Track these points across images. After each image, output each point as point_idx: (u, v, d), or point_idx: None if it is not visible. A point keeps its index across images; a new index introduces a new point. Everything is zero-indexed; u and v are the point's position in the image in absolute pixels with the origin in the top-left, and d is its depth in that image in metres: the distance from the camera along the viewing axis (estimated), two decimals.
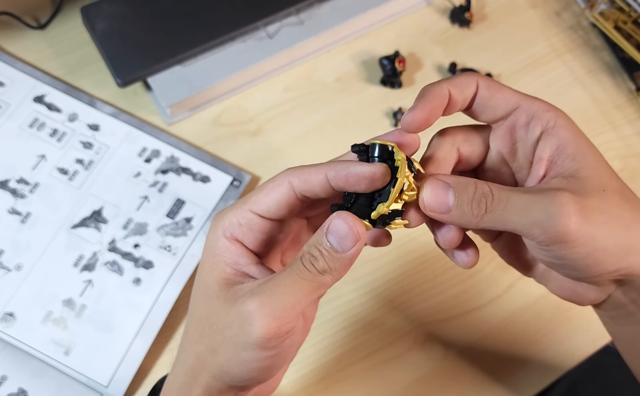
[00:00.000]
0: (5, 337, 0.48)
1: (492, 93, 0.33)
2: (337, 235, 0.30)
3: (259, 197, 0.32)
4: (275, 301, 0.30)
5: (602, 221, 0.30)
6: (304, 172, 0.31)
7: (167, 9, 0.61)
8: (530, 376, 0.52)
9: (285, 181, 0.32)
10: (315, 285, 0.30)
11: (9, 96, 0.58)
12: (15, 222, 0.52)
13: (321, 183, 0.31)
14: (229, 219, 0.32)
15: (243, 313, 0.30)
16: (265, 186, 0.32)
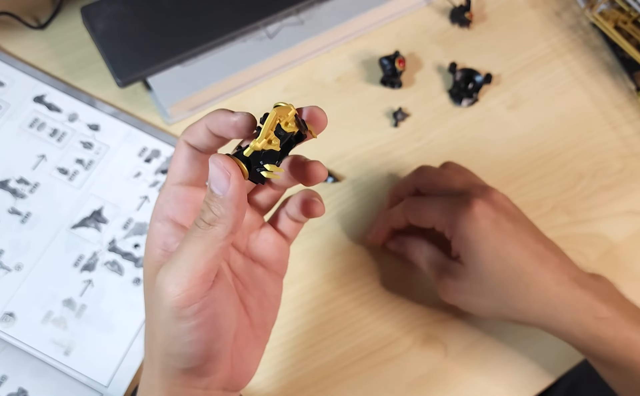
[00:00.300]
0: (5, 337, 0.48)
1: (417, 222, 0.50)
2: (213, 180, 0.30)
3: (171, 168, 0.34)
4: (175, 267, 0.30)
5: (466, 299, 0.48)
6: (191, 127, 0.33)
7: (167, 9, 0.61)
8: (530, 376, 0.52)
9: (181, 142, 0.34)
10: (208, 240, 0.30)
11: (9, 96, 0.58)
12: (15, 221, 0.52)
13: (205, 132, 0.33)
14: (159, 202, 0.34)
15: (157, 289, 0.30)
16: (172, 157, 0.34)
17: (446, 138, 0.62)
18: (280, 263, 0.38)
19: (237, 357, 0.35)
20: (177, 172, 0.34)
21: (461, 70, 0.64)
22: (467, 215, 0.45)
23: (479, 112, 0.63)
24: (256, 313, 0.36)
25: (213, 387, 0.33)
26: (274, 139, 0.31)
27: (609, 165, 0.62)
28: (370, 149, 0.60)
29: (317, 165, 0.34)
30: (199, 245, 0.30)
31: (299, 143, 0.32)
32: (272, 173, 0.31)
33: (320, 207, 0.36)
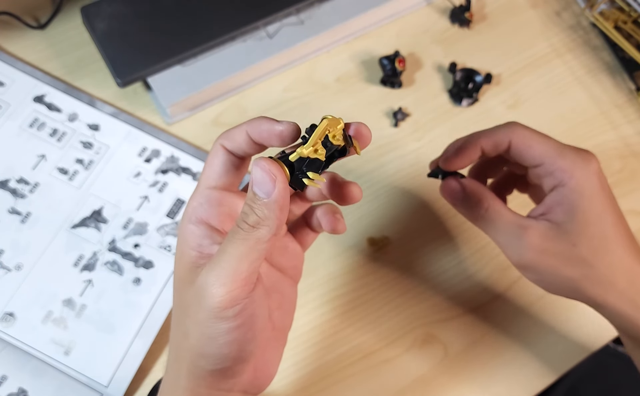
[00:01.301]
0: (5, 337, 0.48)
1: (522, 151, 0.41)
2: (257, 182, 0.30)
3: (206, 172, 0.34)
4: (218, 269, 0.30)
5: (550, 264, 0.40)
6: (230, 132, 0.34)
7: (167, 9, 0.61)
8: (530, 376, 0.52)
9: (218, 145, 0.34)
10: (252, 242, 0.30)
11: (9, 96, 0.58)
12: (15, 221, 0.52)
13: (245, 139, 0.33)
14: (192, 204, 0.34)
15: (197, 288, 0.31)
16: (207, 160, 0.34)
17: (446, 138, 0.62)
18: (296, 269, 0.39)
19: (260, 359, 0.35)
20: (212, 176, 0.34)
21: (461, 70, 0.64)
22: (587, 167, 0.40)
23: (479, 112, 0.63)
24: (277, 316, 0.37)
25: (236, 389, 0.34)
26: (320, 149, 0.31)
27: (609, 165, 0.62)
28: (370, 149, 0.60)
29: (355, 187, 0.35)
30: (242, 247, 0.30)
31: (341, 157, 0.33)
32: (313, 181, 0.31)
33: (342, 224, 0.37)
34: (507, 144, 0.41)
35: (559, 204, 0.40)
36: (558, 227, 0.40)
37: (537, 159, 0.40)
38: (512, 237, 0.41)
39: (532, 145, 0.40)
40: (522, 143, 0.41)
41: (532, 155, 0.41)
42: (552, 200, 0.40)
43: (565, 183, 0.40)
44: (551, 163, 0.40)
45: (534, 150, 0.40)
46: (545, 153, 0.40)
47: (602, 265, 0.39)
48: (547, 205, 0.41)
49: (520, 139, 0.41)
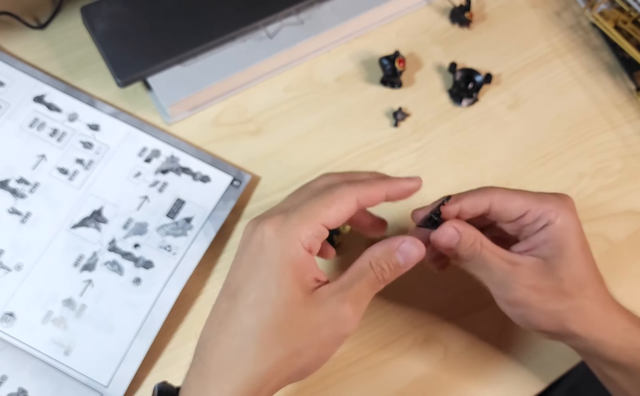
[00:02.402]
0: (5, 337, 0.48)
1: (505, 206, 0.43)
2: (405, 254, 0.39)
3: (329, 212, 0.38)
4: (360, 302, 0.37)
5: (538, 299, 0.41)
6: (368, 190, 0.39)
7: (167, 9, 0.61)
8: (530, 376, 0.52)
9: (353, 198, 0.38)
10: (377, 288, 0.39)
11: (9, 96, 0.58)
12: (15, 221, 0.52)
13: (381, 198, 0.40)
14: (305, 233, 0.37)
15: (338, 313, 0.36)
16: (332, 201, 0.38)
17: (446, 138, 0.62)
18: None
19: None
20: (333, 220, 0.38)
21: (461, 70, 0.64)
22: (569, 207, 0.42)
23: (479, 112, 0.63)
24: None
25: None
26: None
27: (609, 165, 0.62)
28: (371, 149, 0.60)
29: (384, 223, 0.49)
30: (373, 291, 0.39)
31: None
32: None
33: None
34: (487, 205, 0.43)
35: (545, 242, 0.42)
36: (545, 262, 0.42)
37: (521, 209, 0.42)
38: (503, 274, 0.42)
39: (513, 198, 0.42)
40: (504, 199, 0.43)
41: (515, 207, 0.42)
42: (538, 238, 0.42)
43: (552, 222, 0.42)
44: (536, 208, 0.42)
45: (516, 202, 0.42)
46: (528, 202, 0.42)
47: (585, 298, 0.42)
48: (532, 242, 0.43)
49: (500, 197, 0.43)
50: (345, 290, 0.37)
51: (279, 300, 0.36)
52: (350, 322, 0.36)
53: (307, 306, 0.36)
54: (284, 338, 0.35)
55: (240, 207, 0.56)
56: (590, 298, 0.42)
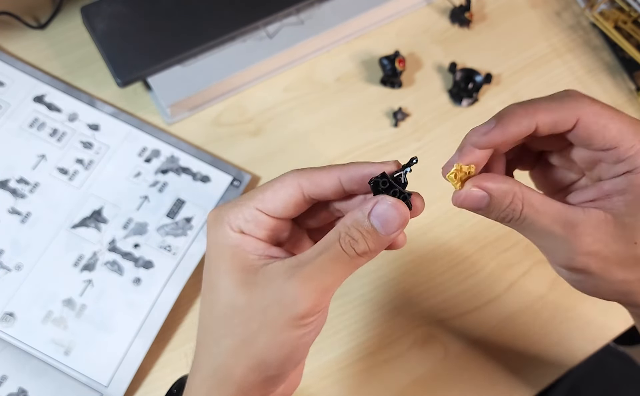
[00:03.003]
0: (6, 337, 0.48)
1: (593, 132, 0.32)
2: (382, 219, 0.30)
3: (265, 195, 0.32)
4: (317, 280, 0.30)
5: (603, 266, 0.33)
6: (315, 175, 0.32)
7: (167, 9, 0.61)
8: (530, 376, 0.52)
9: (295, 182, 0.32)
10: (351, 265, 0.31)
11: (9, 96, 0.58)
12: (15, 221, 0.52)
13: (334, 186, 0.32)
14: (234, 214, 0.32)
15: (285, 292, 0.30)
16: (272, 185, 0.32)
17: (446, 138, 0.62)
18: None
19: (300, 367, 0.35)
20: (270, 205, 0.32)
21: (461, 70, 0.64)
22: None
23: (479, 112, 0.63)
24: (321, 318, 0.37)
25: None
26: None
27: None
28: (370, 149, 0.60)
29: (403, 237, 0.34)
30: (339, 266, 0.31)
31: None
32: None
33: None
34: (573, 123, 0.32)
35: (621, 193, 0.32)
36: (615, 220, 0.32)
37: (611, 142, 0.32)
38: (556, 240, 0.33)
39: (607, 124, 0.32)
40: (595, 123, 0.32)
41: (605, 137, 0.32)
42: (613, 187, 0.32)
43: (637, 169, 0.32)
44: (629, 148, 0.32)
45: (608, 130, 0.31)
46: (622, 135, 0.32)
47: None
48: (604, 190, 0.33)
49: (592, 118, 0.32)
50: (299, 266, 0.30)
51: (215, 287, 0.32)
52: (300, 301, 0.30)
53: (251, 287, 0.31)
54: (230, 325, 0.32)
55: None
56: None
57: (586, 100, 0.32)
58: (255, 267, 0.32)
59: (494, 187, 0.32)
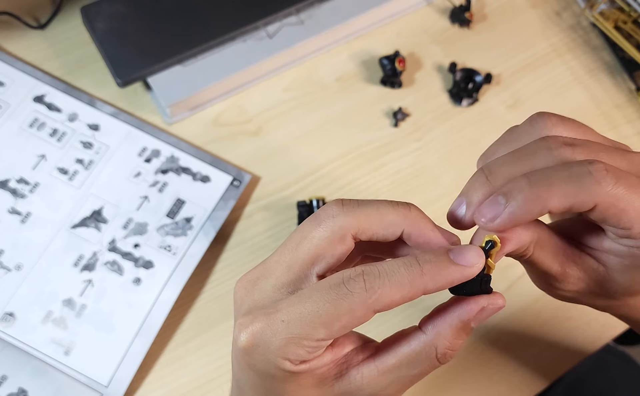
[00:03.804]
0: (5, 337, 0.48)
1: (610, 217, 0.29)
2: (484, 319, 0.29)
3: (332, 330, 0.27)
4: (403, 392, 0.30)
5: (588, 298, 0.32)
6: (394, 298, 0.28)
7: (167, 9, 0.61)
8: (530, 376, 0.52)
9: (370, 313, 0.28)
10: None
11: (9, 96, 0.58)
12: (15, 221, 0.52)
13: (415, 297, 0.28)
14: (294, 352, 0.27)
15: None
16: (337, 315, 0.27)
17: (446, 138, 0.62)
18: None
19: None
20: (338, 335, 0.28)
21: (461, 70, 0.64)
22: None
23: (479, 112, 0.63)
24: None
25: None
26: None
27: None
28: (370, 149, 0.60)
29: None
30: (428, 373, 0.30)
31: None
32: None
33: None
34: (590, 208, 0.29)
35: (619, 255, 0.31)
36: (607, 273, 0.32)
37: (625, 225, 0.29)
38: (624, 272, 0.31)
39: (625, 208, 0.29)
40: (614, 207, 0.29)
41: (622, 221, 0.29)
42: (612, 246, 0.31)
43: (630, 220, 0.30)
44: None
45: (626, 215, 0.29)
46: (638, 218, 0.29)
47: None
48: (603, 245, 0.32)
49: (611, 203, 0.28)
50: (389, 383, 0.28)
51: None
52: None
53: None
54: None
55: (240, 207, 0.57)
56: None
57: (610, 180, 0.28)
58: (329, 381, 0.29)
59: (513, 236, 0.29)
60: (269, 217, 0.56)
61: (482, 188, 0.29)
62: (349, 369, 0.29)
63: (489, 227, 0.28)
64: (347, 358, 0.29)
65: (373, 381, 0.28)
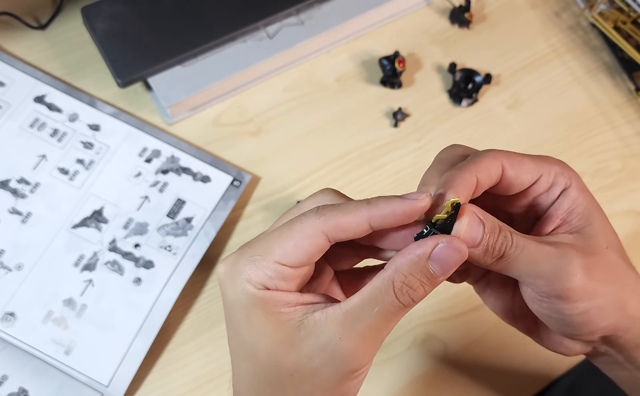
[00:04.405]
0: (6, 337, 0.48)
1: (517, 171, 0.33)
2: (442, 262, 0.29)
3: (286, 249, 0.29)
4: (371, 335, 0.29)
5: (602, 279, 0.32)
6: (341, 220, 0.29)
7: (167, 9, 0.62)
8: (529, 376, 0.52)
9: (319, 232, 0.29)
10: (404, 312, 0.30)
11: (10, 96, 0.58)
12: (15, 221, 0.53)
13: (362, 230, 0.29)
14: (254, 272, 0.29)
15: (337, 351, 0.29)
16: (291, 235, 0.29)
17: (446, 138, 0.62)
18: None
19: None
20: (293, 258, 0.29)
21: (461, 71, 0.64)
22: (565, 164, 0.34)
23: (478, 112, 0.63)
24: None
25: None
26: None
27: (609, 165, 0.62)
28: (370, 149, 0.60)
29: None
30: (392, 315, 0.29)
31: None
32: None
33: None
34: (500, 171, 0.33)
35: (571, 211, 0.33)
36: (581, 235, 0.33)
37: (534, 172, 0.33)
38: (553, 261, 0.32)
39: (522, 160, 0.33)
40: (514, 162, 0.33)
41: (527, 170, 0.33)
42: (561, 209, 0.34)
43: (569, 186, 0.34)
44: (548, 171, 0.34)
45: (526, 164, 0.33)
46: (537, 164, 0.33)
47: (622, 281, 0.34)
48: (559, 216, 0.34)
49: (509, 160, 0.33)
50: (349, 321, 0.28)
51: (258, 354, 0.30)
52: (355, 358, 0.29)
53: (296, 347, 0.29)
54: (279, 387, 0.30)
55: (241, 207, 0.57)
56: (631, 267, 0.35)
57: (499, 150, 0.33)
58: (294, 322, 0.29)
59: (484, 217, 0.31)
60: (269, 217, 0.56)
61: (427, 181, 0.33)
62: (315, 312, 0.29)
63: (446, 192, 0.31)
64: (314, 305, 0.30)
65: (336, 322, 0.29)
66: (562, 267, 0.31)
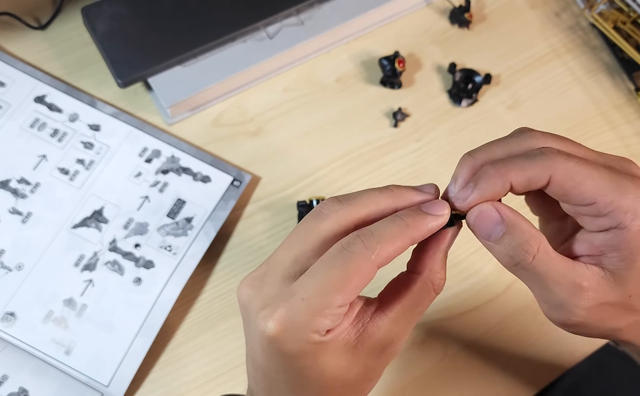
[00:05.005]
0: (6, 337, 0.48)
1: (568, 190, 0.31)
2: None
3: (347, 293, 0.29)
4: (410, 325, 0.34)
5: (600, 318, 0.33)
6: (390, 250, 0.31)
7: (167, 10, 0.62)
8: (529, 376, 0.52)
9: (374, 267, 0.30)
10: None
11: (10, 96, 0.58)
12: (16, 221, 0.53)
13: (404, 249, 0.32)
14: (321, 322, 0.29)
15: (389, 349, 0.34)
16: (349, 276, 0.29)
17: (446, 138, 0.62)
18: None
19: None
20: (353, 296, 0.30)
21: (461, 71, 0.64)
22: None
23: (478, 112, 0.63)
24: None
25: None
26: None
27: None
28: (370, 149, 0.60)
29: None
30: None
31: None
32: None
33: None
34: (546, 181, 0.31)
35: (614, 249, 0.32)
36: (613, 275, 0.32)
37: (588, 198, 0.31)
38: (563, 296, 0.32)
39: (581, 181, 0.31)
40: (569, 180, 0.31)
41: (581, 193, 0.31)
42: (605, 243, 0.32)
43: (625, 226, 0.31)
44: (607, 203, 0.31)
45: (584, 187, 0.31)
46: (599, 191, 0.31)
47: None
48: (598, 247, 0.32)
49: (564, 175, 0.31)
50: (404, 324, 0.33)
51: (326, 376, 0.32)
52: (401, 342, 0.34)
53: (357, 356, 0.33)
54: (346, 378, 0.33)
55: (241, 207, 0.57)
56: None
57: (561, 157, 0.31)
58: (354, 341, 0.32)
59: (512, 217, 0.31)
60: (269, 217, 0.56)
61: (467, 163, 0.34)
62: (365, 326, 0.32)
63: (463, 206, 0.33)
64: (358, 318, 0.32)
65: (388, 330, 0.32)
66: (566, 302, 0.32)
